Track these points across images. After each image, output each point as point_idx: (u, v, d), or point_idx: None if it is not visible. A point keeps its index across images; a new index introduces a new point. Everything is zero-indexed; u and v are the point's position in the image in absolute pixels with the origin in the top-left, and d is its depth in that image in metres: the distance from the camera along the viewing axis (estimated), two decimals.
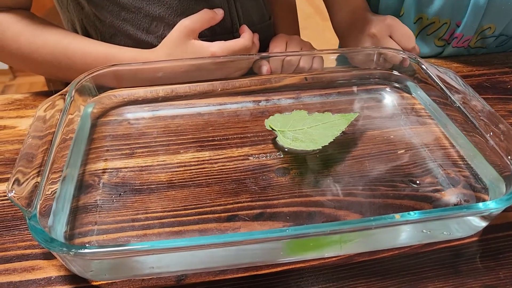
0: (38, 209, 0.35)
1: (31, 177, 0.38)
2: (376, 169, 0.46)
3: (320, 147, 0.45)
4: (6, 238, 0.40)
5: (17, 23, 0.56)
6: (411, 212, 0.34)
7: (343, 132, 0.47)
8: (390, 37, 0.62)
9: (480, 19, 0.67)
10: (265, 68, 0.59)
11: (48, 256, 0.39)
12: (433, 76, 0.53)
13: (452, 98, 0.49)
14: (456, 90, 0.50)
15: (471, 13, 0.66)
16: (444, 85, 0.51)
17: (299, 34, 0.77)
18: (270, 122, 0.49)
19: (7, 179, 0.46)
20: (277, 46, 0.66)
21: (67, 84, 0.51)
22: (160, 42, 0.60)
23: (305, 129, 0.48)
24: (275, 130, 0.48)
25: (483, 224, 0.39)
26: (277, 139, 0.48)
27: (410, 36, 0.62)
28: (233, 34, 0.65)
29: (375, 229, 0.36)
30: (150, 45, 0.61)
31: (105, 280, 0.37)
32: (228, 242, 0.33)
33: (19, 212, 0.43)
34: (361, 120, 0.54)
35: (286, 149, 0.48)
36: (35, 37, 0.56)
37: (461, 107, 0.48)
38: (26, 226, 0.41)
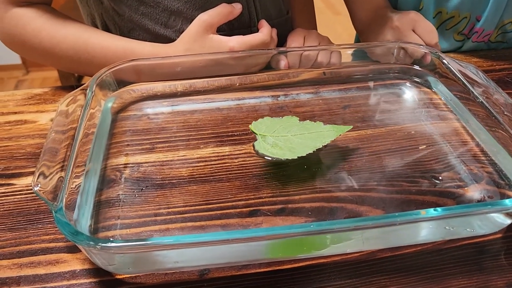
0: (64, 203, 0.35)
1: (55, 171, 0.38)
2: (397, 165, 0.46)
3: (296, 157, 0.42)
4: (30, 231, 0.41)
5: (38, 18, 0.56)
6: (438, 208, 0.34)
7: (324, 146, 0.44)
8: (413, 31, 0.62)
9: (501, 13, 0.66)
10: (283, 62, 0.59)
11: (72, 250, 0.39)
12: (454, 71, 0.52)
13: (475, 93, 0.48)
14: (478, 85, 0.49)
15: (492, 7, 0.64)
16: (466, 80, 0.50)
17: (316, 29, 0.77)
18: (256, 125, 0.48)
19: (29, 173, 0.47)
20: (295, 41, 0.65)
21: (80, 79, 0.52)
22: (178, 37, 0.60)
23: (288, 136, 0.45)
24: (256, 134, 0.47)
25: (508, 221, 0.39)
26: (255, 143, 0.45)
27: (434, 32, 0.61)
28: (251, 28, 0.65)
29: (399, 225, 0.35)
30: (168, 40, 0.61)
31: (129, 273, 0.37)
32: (252, 237, 0.33)
33: (42, 206, 0.43)
34: (381, 115, 0.53)
35: (261, 156, 0.44)
36: (56, 31, 0.56)
37: (484, 102, 0.47)
38: (49, 219, 0.42)
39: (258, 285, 0.37)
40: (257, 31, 0.61)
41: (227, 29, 0.62)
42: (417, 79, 0.59)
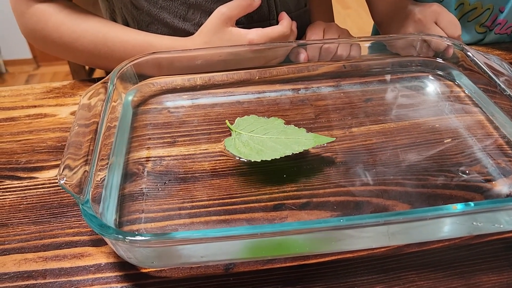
0: (90, 196, 0.35)
1: (80, 165, 0.38)
2: (422, 158, 0.45)
3: (259, 161, 0.42)
4: (54, 224, 0.41)
5: (58, 13, 0.56)
6: (470, 203, 0.33)
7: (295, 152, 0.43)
8: (436, 24, 0.61)
9: None
10: (302, 55, 0.58)
11: (96, 243, 0.39)
12: (480, 63, 0.51)
13: (502, 85, 0.48)
14: (505, 77, 0.48)
15: None
16: (492, 72, 0.49)
17: (333, 21, 0.76)
18: (239, 122, 0.47)
19: (51, 167, 0.47)
20: (314, 33, 0.65)
21: (90, 73, 0.52)
22: (197, 30, 0.59)
23: (264, 138, 0.45)
24: (232, 130, 0.46)
25: None
26: (226, 139, 0.45)
27: (457, 24, 0.60)
28: (270, 21, 0.64)
29: (428, 220, 0.35)
30: (187, 33, 0.60)
31: (153, 267, 0.37)
32: (282, 231, 0.32)
33: (65, 199, 0.43)
34: (403, 108, 0.52)
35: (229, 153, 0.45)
36: (76, 26, 0.56)
37: (511, 94, 0.46)
38: (73, 213, 0.42)
39: (284, 279, 0.36)
40: (277, 23, 0.61)
41: (246, 22, 0.61)
42: (439, 72, 0.58)
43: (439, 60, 0.57)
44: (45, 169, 0.47)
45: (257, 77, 0.58)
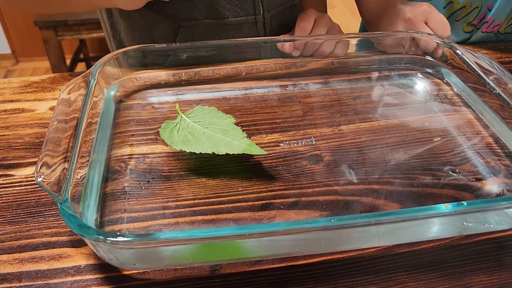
0: (69, 195, 0.33)
1: (59, 162, 0.36)
2: (412, 157, 0.44)
3: (178, 150, 0.42)
4: (31, 224, 0.39)
5: None
6: (464, 202, 0.32)
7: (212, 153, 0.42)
8: (426, 24, 0.60)
9: None
10: (287, 44, 0.57)
11: (75, 244, 0.37)
12: (469, 61, 0.50)
13: (491, 84, 0.47)
14: (494, 76, 0.48)
15: None
16: (482, 71, 0.49)
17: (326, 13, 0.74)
18: (196, 110, 0.46)
19: (28, 164, 0.45)
20: (304, 20, 0.62)
21: (71, 68, 0.50)
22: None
23: (202, 130, 0.43)
24: (179, 114, 0.45)
25: None
26: (167, 120, 0.44)
27: (447, 25, 0.59)
28: (256, 16, 0.63)
29: (420, 220, 0.34)
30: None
31: (136, 269, 0.35)
32: (270, 231, 0.31)
33: (43, 198, 0.41)
34: (393, 106, 0.52)
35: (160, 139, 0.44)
36: None
37: (501, 93, 0.46)
38: (51, 212, 0.40)
39: (272, 281, 0.35)
40: (262, 18, 0.59)
41: (231, 16, 0.60)
42: (428, 70, 0.57)
43: (428, 57, 0.57)
44: (22, 166, 0.45)
45: (244, 73, 0.56)
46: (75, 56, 1.89)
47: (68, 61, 1.82)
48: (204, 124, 0.44)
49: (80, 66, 2.06)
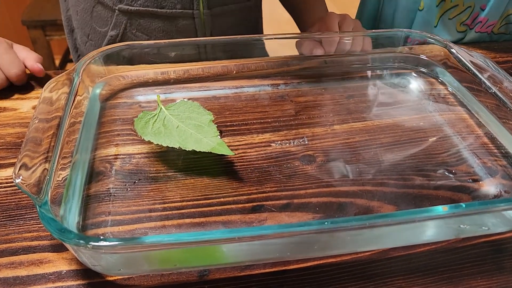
0: (49, 197, 0.31)
1: (39, 163, 0.35)
2: (407, 158, 0.43)
3: (146, 140, 0.41)
4: (10, 228, 0.37)
5: None
6: (462, 204, 0.31)
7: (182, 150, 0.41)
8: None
9: (506, 3, 0.63)
10: (320, 50, 0.56)
11: (57, 249, 0.35)
12: (464, 60, 0.49)
13: (487, 83, 0.46)
14: (489, 75, 0.47)
15: None
16: (477, 70, 0.48)
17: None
18: (180, 103, 0.45)
19: (9, 165, 0.43)
20: (330, 24, 0.61)
21: (62, 66, 0.48)
22: (116, 5, 0.59)
23: (176, 124, 0.42)
24: (159, 104, 0.44)
25: None
26: (145, 111, 0.44)
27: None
28: (193, 11, 0.61)
29: (417, 223, 0.33)
30: (107, 6, 0.61)
31: (120, 274, 0.34)
32: (261, 235, 0.30)
33: (24, 200, 0.39)
34: (387, 106, 0.50)
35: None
36: None
37: (496, 92, 0.45)
38: (32, 215, 0.38)
39: (263, 287, 0.34)
40: (199, 14, 0.59)
41: (167, 7, 0.59)
42: (422, 69, 0.56)
43: (422, 56, 0.56)
44: (2, 167, 0.43)
45: (234, 72, 0.55)
46: (64, 56, 1.86)
47: (57, 62, 1.79)
48: (181, 118, 0.43)
49: (69, 67, 2.02)
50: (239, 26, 0.65)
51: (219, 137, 0.41)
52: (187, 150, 0.40)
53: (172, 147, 0.40)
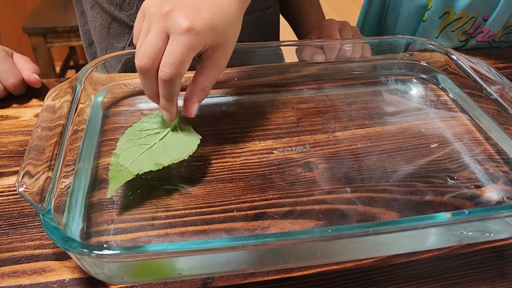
0: (52, 205, 0.31)
1: (42, 171, 0.35)
2: (410, 164, 0.43)
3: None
4: (13, 237, 0.37)
5: None
6: (465, 211, 0.31)
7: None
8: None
9: (509, 14, 0.64)
10: (320, 56, 0.56)
11: (60, 257, 0.35)
12: (465, 67, 0.50)
13: (488, 89, 0.46)
14: (491, 81, 0.47)
15: (502, 8, 0.62)
16: (478, 76, 0.48)
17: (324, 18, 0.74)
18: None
19: (12, 173, 0.43)
20: (331, 30, 0.62)
21: (62, 74, 0.48)
22: (132, 21, 0.58)
23: (152, 146, 0.42)
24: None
25: None
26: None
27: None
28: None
29: (420, 230, 0.33)
30: (122, 23, 0.60)
31: (124, 283, 0.34)
32: (263, 243, 0.30)
33: (27, 208, 0.39)
34: (388, 112, 0.51)
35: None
36: None
37: (498, 98, 0.45)
38: (35, 223, 0.38)
39: None
40: None
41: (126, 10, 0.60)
42: (423, 75, 0.56)
43: (423, 63, 0.56)
44: (5, 175, 0.43)
45: (235, 79, 0.55)
46: (65, 64, 1.87)
47: (57, 69, 1.79)
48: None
49: (70, 74, 2.03)
50: (255, 33, 0.65)
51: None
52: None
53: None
